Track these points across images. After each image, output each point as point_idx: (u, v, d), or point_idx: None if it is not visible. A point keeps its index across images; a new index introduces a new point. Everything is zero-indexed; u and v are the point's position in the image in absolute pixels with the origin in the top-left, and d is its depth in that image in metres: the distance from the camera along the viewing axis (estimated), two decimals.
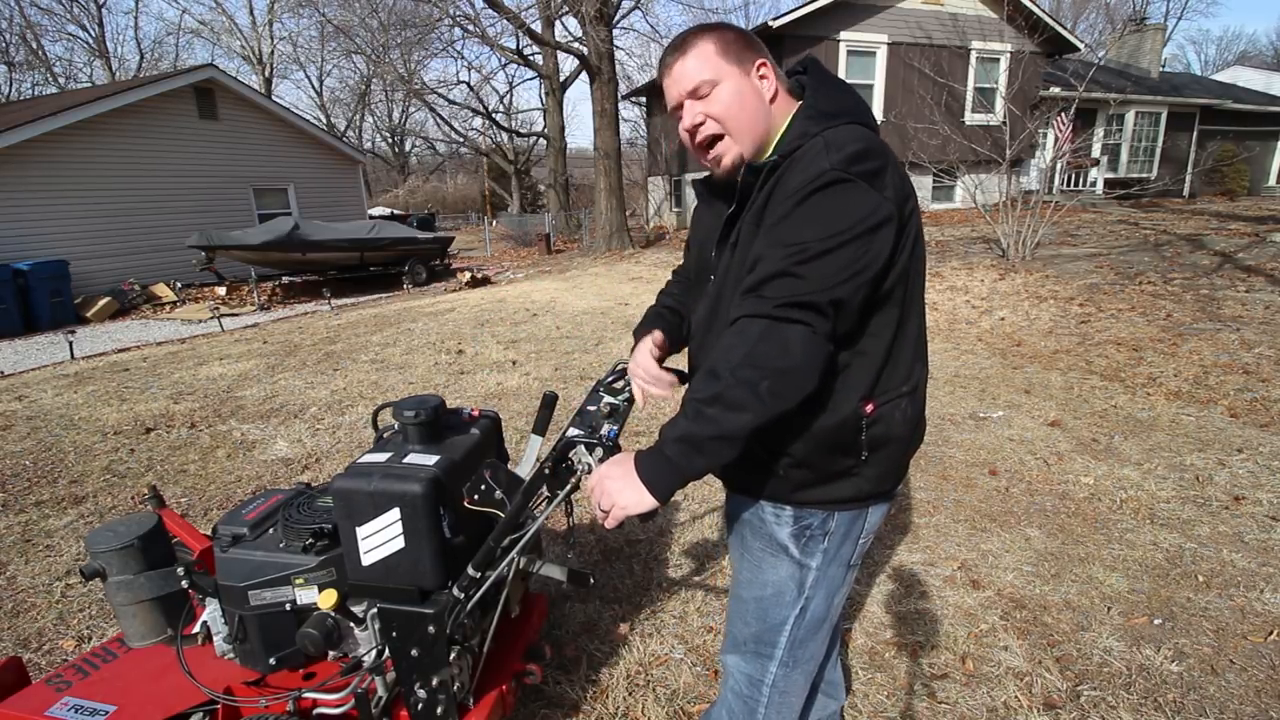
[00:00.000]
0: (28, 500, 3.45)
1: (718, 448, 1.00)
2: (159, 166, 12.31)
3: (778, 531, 1.23)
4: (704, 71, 1.13)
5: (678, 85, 1.16)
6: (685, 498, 3.24)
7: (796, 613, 1.25)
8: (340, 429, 4.37)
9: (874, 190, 1.03)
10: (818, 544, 1.21)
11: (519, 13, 17.38)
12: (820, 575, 1.23)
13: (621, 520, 1.04)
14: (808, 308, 1.00)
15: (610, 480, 1.05)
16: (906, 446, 1.21)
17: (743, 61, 1.15)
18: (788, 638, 1.26)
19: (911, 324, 1.17)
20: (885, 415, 1.14)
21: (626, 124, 27.32)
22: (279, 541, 1.49)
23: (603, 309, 8.50)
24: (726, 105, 1.14)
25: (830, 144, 1.05)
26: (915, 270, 1.15)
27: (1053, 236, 10.37)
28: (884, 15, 14.58)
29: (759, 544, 1.26)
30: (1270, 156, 21.04)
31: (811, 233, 1.01)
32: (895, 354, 1.15)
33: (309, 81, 46.40)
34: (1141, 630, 2.20)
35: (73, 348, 7.54)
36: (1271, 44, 50.30)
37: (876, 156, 1.05)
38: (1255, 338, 5.30)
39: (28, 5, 26.33)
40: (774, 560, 1.25)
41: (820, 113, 1.13)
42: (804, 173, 1.05)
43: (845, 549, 1.24)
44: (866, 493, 1.19)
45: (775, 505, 1.22)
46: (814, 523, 1.21)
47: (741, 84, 1.14)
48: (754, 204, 1.13)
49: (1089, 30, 36.39)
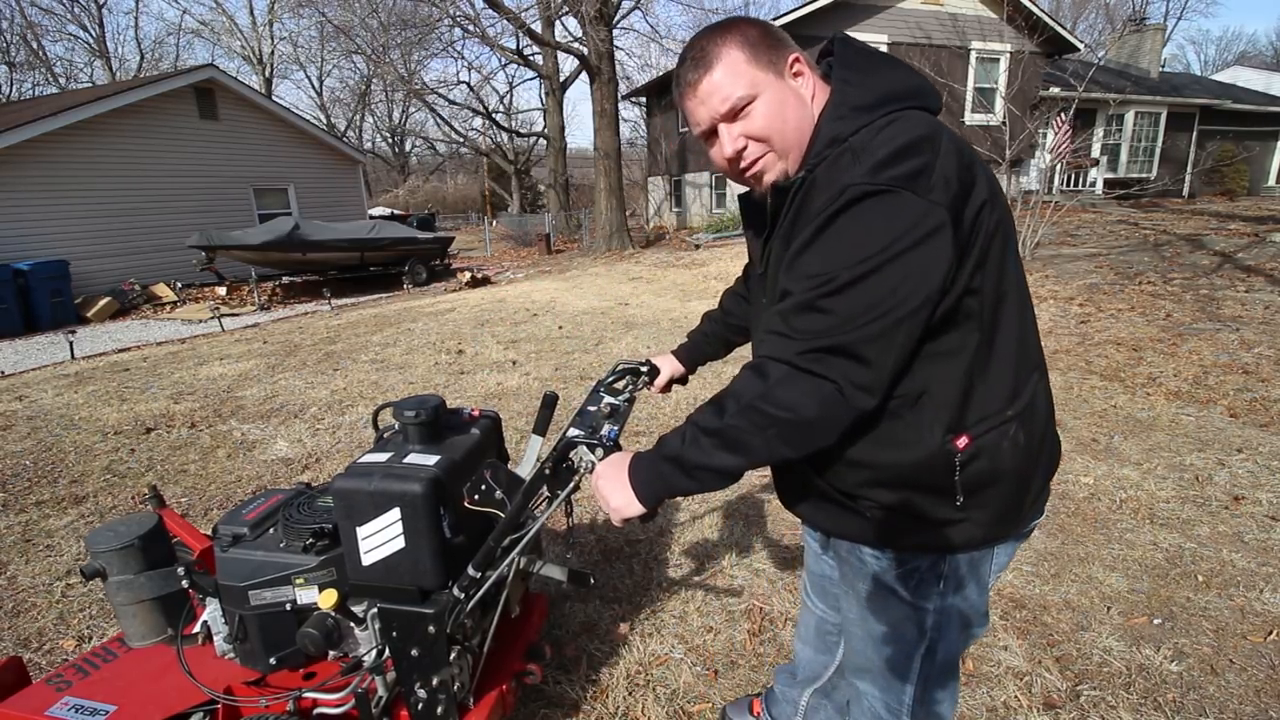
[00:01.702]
0: (28, 500, 3.45)
1: (707, 477, 0.95)
2: (159, 166, 12.32)
3: (882, 574, 1.08)
4: (738, 87, 0.96)
5: (707, 107, 0.99)
6: (686, 498, 3.24)
7: (923, 652, 1.11)
8: (340, 429, 4.37)
9: (916, 195, 0.85)
10: (931, 587, 1.05)
11: (519, 13, 17.42)
12: (942, 617, 1.07)
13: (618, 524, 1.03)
14: (838, 353, 0.87)
15: (603, 480, 1.04)
16: (1027, 479, 1.01)
17: (775, 63, 0.98)
18: (918, 673, 1.13)
19: (1007, 335, 0.97)
20: (988, 448, 0.96)
21: (626, 124, 27.40)
22: (279, 541, 1.49)
23: (603, 309, 8.50)
24: (769, 120, 0.97)
25: (857, 151, 0.89)
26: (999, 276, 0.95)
27: (1052, 236, 10.38)
28: (884, 15, 14.60)
29: (864, 585, 1.11)
30: (1270, 156, 21.05)
31: (837, 261, 0.87)
32: (986, 374, 0.96)
33: (309, 81, 46.43)
34: (1141, 630, 2.20)
35: (73, 348, 7.55)
36: (1271, 44, 50.33)
37: (918, 152, 0.87)
38: (1255, 338, 5.30)
39: (28, 5, 26.37)
40: (884, 600, 1.10)
41: (852, 109, 0.95)
42: (827, 191, 0.90)
43: (970, 589, 1.07)
44: (981, 539, 1.01)
45: (874, 549, 1.07)
46: (922, 565, 1.05)
47: (780, 91, 0.97)
48: (781, 227, 1.00)
49: (1089, 30, 36.45)
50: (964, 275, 0.91)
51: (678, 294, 9.47)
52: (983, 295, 0.93)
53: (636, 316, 7.89)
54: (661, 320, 7.60)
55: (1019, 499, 1.01)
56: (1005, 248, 0.95)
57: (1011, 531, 1.04)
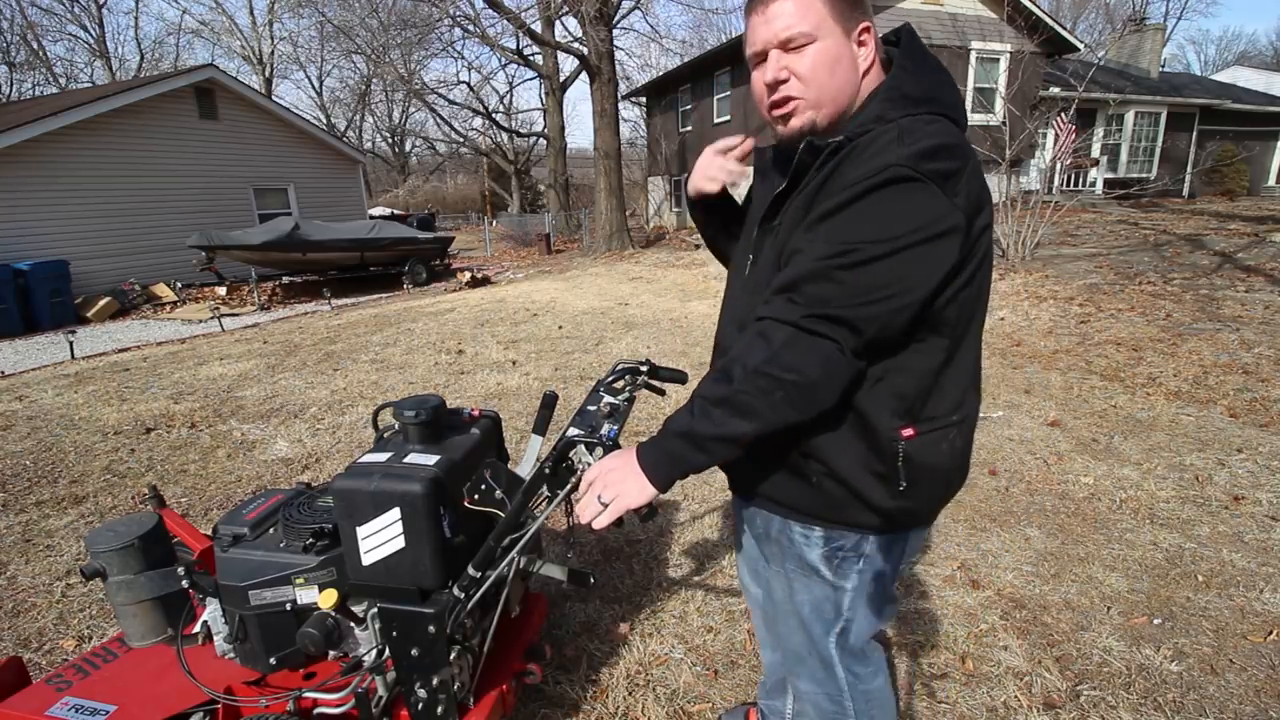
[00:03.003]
0: (28, 500, 3.45)
1: (720, 448, 0.98)
2: (159, 166, 12.31)
3: (807, 553, 1.16)
4: (804, 22, 0.98)
5: (769, 27, 1.00)
6: (685, 498, 3.24)
7: (838, 631, 1.20)
8: (340, 429, 4.37)
9: (944, 194, 0.91)
10: (851, 565, 1.14)
11: (519, 13, 17.42)
12: (857, 596, 1.17)
13: (619, 515, 1.01)
14: (839, 323, 0.91)
15: (612, 472, 1.03)
16: (950, 479, 1.12)
17: (848, 20, 1.01)
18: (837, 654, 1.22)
19: (966, 352, 1.06)
20: (929, 443, 1.04)
21: (626, 124, 27.39)
22: (279, 541, 1.49)
23: (603, 309, 8.50)
24: (817, 67, 1.00)
25: (905, 133, 0.93)
26: (976, 296, 1.03)
27: (1052, 236, 10.38)
28: (884, 15, 14.58)
29: (790, 565, 1.20)
30: (1270, 156, 21.05)
31: (862, 234, 0.91)
32: (943, 380, 1.04)
33: (309, 81, 46.38)
34: (1141, 630, 2.21)
35: (73, 348, 7.54)
36: (1271, 44, 50.33)
37: (954, 156, 0.93)
38: (1255, 338, 5.30)
39: (28, 5, 26.37)
40: (805, 581, 1.19)
41: (903, 96, 0.99)
42: (868, 163, 0.93)
43: (885, 569, 1.17)
44: (903, 522, 1.12)
45: (804, 525, 1.15)
46: (846, 544, 1.13)
47: (840, 48, 1.00)
48: (806, 186, 1.02)
49: (1089, 30, 36.42)
50: (956, 284, 0.98)
51: (678, 294, 9.47)
52: (961, 308, 1.00)
53: (636, 316, 7.90)
54: (661, 320, 7.61)
55: (941, 495, 1.13)
56: (988, 275, 1.04)
57: (926, 520, 1.17)
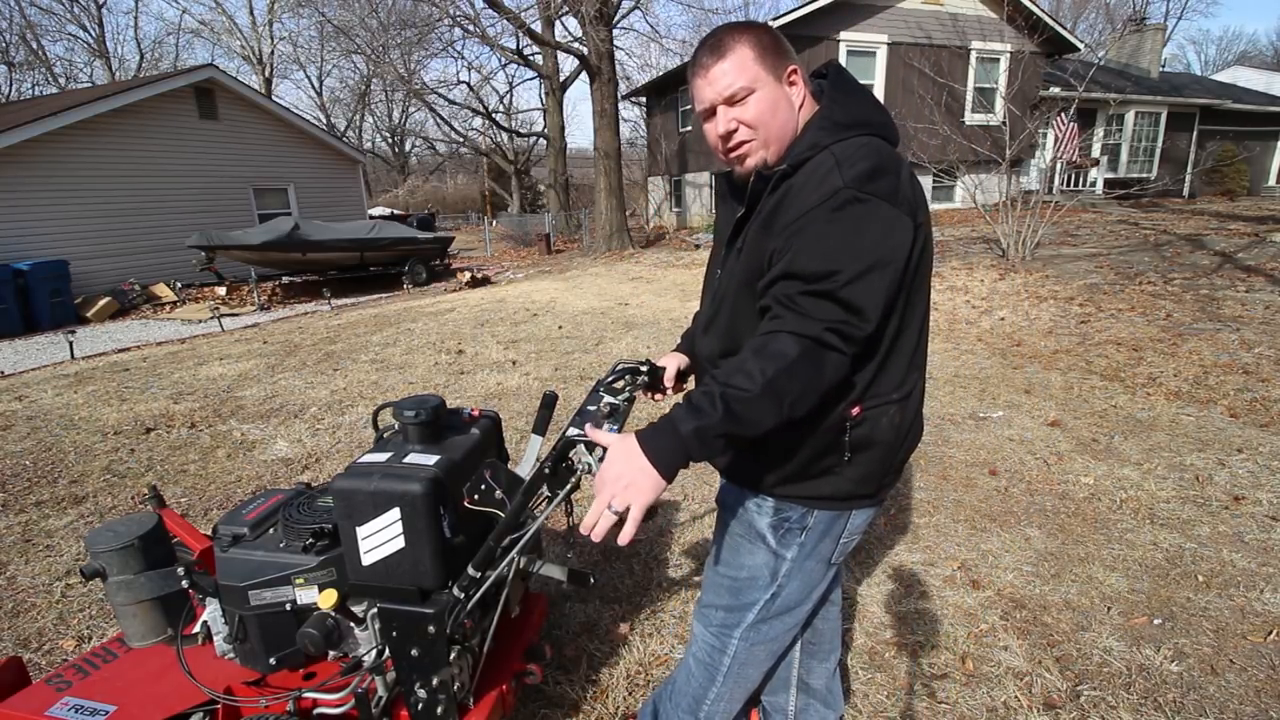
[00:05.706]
0: (28, 500, 3.45)
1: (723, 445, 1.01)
2: (159, 166, 12.31)
3: (757, 520, 1.26)
4: (741, 78, 1.13)
5: (713, 88, 1.15)
6: (685, 498, 3.24)
7: (767, 597, 1.28)
8: (340, 429, 4.37)
9: (895, 207, 1.05)
10: (794, 537, 1.24)
11: (519, 13, 17.39)
12: (795, 567, 1.26)
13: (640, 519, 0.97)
14: (851, 339, 1.03)
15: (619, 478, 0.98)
16: (892, 452, 1.22)
17: (777, 68, 1.15)
18: (755, 616, 1.30)
19: (910, 333, 1.18)
20: (871, 419, 1.16)
21: (626, 124, 27.31)
22: (279, 541, 1.49)
23: (603, 309, 8.50)
24: (760, 113, 1.14)
25: (840, 160, 1.06)
26: (919, 281, 1.15)
27: (1053, 236, 10.38)
28: (884, 15, 14.59)
29: (739, 529, 1.30)
30: (1270, 156, 21.05)
31: (837, 257, 1.02)
32: (889, 361, 1.16)
33: (309, 81, 46.27)
34: (1141, 630, 2.21)
35: (73, 348, 7.54)
36: (1271, 44, 50.35)
37: (888, 172, 1.06)
38: (1255, 338, 5.30)
39: (28, 5, 26.36)
40: (750, 546, 1.28)
41: (834, 123, 1.13)
42: (818, 189, 1.05)
43: (824, 546, 1.26)
44: (846, 493, 1.21)
45: (758, 496, 1.26)
46: (793, 516, 1.23)
47: (775, 92, 1.15)
48: (762, 211, 1.15)
49: (1089, 30, 36.42)
50: (905, 277, 1.10)
51: (678, 294, 9.47)
52: (909, 295, 1.14)
53: (636, 316, 7.89)
54: (661, 320, 7.61)
55: (884, 467, 1.22)
56: (929, 264, 1.17)
57: (869, 492, 1.23)
